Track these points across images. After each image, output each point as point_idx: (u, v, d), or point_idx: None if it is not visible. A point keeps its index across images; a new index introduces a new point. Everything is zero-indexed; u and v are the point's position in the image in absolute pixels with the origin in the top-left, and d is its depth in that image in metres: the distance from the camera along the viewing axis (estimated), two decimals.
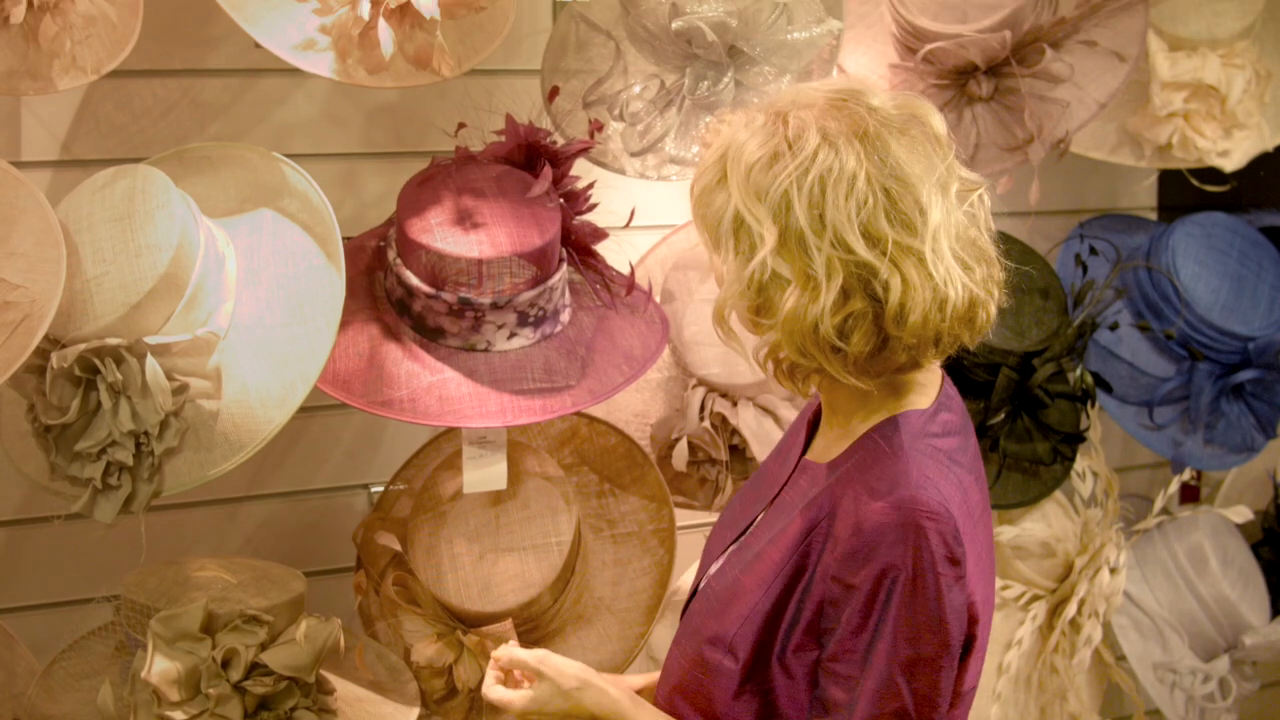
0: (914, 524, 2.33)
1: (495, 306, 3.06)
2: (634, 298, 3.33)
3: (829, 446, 2.56)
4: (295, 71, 3.05)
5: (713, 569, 2.70)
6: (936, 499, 2.34)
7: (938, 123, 2.44)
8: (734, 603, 2.54)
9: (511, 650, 2.73)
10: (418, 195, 3.13)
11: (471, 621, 3.19)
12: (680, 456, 3.45)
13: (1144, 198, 4.59)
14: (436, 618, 3.22)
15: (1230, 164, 4.03)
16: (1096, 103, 3.56)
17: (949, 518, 2.34)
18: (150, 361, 2.70)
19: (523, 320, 3.11)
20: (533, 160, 3.26)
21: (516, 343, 3.13)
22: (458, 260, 3.02)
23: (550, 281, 3.13)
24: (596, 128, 3.35)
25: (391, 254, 3.12)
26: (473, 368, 3.07)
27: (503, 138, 3.27)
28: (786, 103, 2.40)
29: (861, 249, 2.29)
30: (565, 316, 3.21)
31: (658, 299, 3.44)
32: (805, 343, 2.34)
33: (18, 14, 2.68)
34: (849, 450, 2.49)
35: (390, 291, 3.15)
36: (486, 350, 3.10)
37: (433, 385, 3.05)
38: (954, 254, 2.35)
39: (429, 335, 3.10)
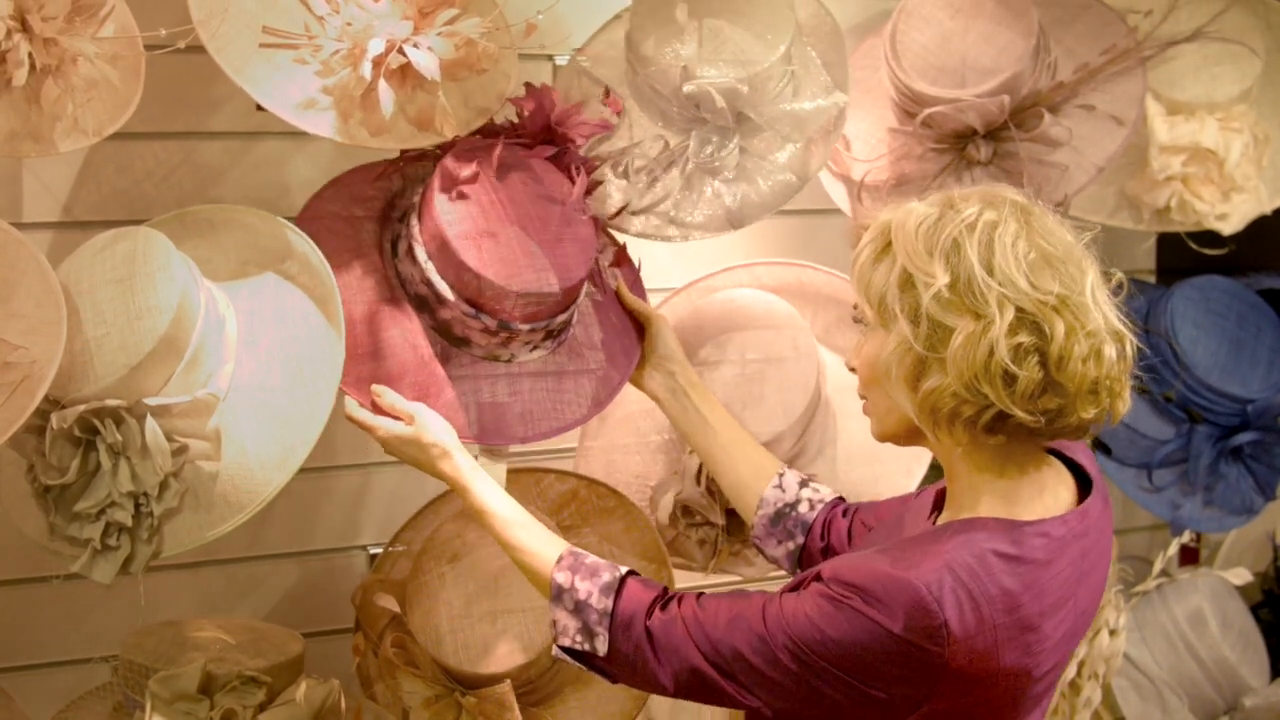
0: (895, 602, 2.35)
1: (532, 330, 3.08)
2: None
3: (944, 519, 2.62)
4: (296, 134, 3.06)
5: None
6: (932, 599, 2.35)
7: None
8: None
9: (394, 397, 2.96)
10: (459, 205, 3.07)
11: (470, 683, 3.19)
12: (665, 510, 3.46)
13: (1143, 261, 4.61)
14: (435, 679, 3.21)
15: (1228, 227, 4.03)
16: (1095, 166, 3.57)
17: (932, 617, 2.34)
18: (150, 423, 2.70)
19: (549, 335, 3.14)
20: (549, 136, 3.26)
21: (538, 354, 3.16)
22: (507, 293, 3.01)
23: (579, 300, 3.17)
24: (615, 107, 3.38)
25: (420, 251, 3.08)
26: (494, 379, 3.12)
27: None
28: (953, 194, 2.54)
29: (1028, 290, 2.38)
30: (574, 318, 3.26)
31: None
32: (977, 375, 2.39)
33: (20, 77, 2.69)
34: (938, 528, 2.54)
35: (408, 281, 3.11)
36: (509, 360, 3.13)
37: (484, 407, 3.10)
38: (1109, 312, 2.48)
39: (453, 342, 3.10)
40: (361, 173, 3.28)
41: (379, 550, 3.59)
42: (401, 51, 2.97)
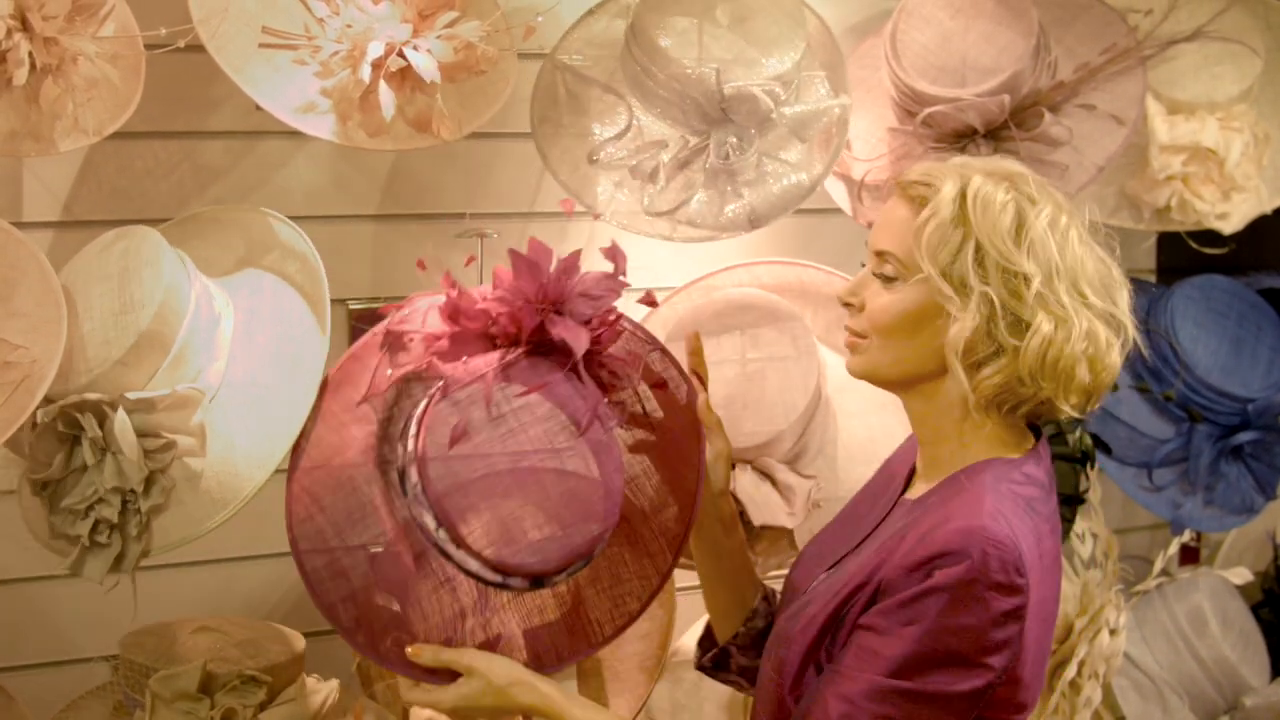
0: (978, 547, 2.38)
1: (570, 573, 2.79)
2: None
3: (924, 487, 2.65)
4: (296, 134, 3.06)
5: (800, 600, 2.73)
6: (1006, 531, 2.39)
7: None
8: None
9: (437, 650, 2.72)
10: (456, 459, 2.67)
11: None
12: None
13: (1143, 260, 4.61)
14: None
15: (1229, 226, 4.03)
16: (1095, 166, 3.57)
17: (1014, 548, 2.38)
18: (120, 415, 2.69)
19: (587, 561, 2.82)
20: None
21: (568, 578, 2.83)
22: (525, 568, 2.68)
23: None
24: (649, 303, 3.02)
25: (428, 517, 2.70)
26: (543, 606, 2.87)
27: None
28: (994, 167, 2.60)
29: (1094, 298, 2.50)
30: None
31: None
32: (1040, 369, 2.47)
33: (20, 76, 2.70)
34: (936, 487, 2.59)
35: (425, 529, 2.71)
36: (555, 584, 2.81)
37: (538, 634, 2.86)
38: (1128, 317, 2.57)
39: (490, 584, 2.73)
40: (349, 385, 2.86)
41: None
42: (401, 54, 2.97)
